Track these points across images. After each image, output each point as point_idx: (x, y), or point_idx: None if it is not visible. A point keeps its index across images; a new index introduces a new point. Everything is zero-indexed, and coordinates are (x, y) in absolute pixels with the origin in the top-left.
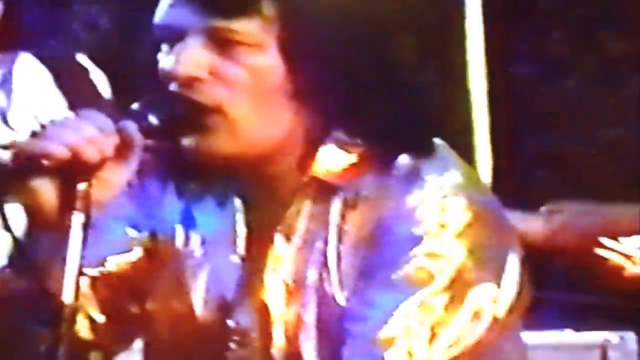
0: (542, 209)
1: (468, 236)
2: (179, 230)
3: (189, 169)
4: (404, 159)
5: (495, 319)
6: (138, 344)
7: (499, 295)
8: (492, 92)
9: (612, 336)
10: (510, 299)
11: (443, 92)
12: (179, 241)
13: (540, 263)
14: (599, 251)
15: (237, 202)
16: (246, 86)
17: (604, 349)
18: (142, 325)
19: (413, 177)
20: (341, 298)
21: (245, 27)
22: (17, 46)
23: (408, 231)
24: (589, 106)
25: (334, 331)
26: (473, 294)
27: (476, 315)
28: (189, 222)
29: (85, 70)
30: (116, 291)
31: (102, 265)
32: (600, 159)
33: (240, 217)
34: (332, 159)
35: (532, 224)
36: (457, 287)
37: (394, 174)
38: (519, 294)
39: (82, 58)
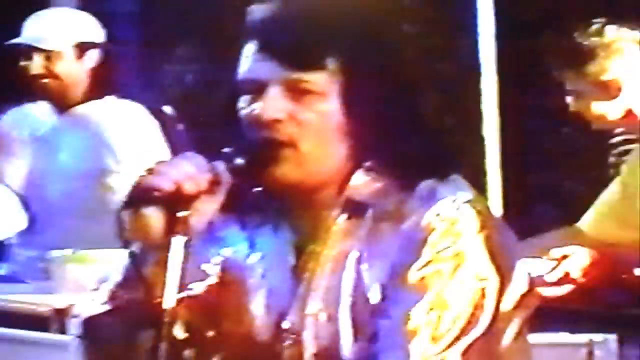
0: None
1: (478, 240)
2: (243, 256)
3: (252, 202)
4: (424, 183)
5: (499, 310)
6: None
7: (505, 288)
8: (503, 137)
9: (596, 336)
10: (516, 295)
11: (460, 135)
12: (244, 265)
13: None
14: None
15: (288, 227)
16: (314, 126)
17: (590, 349)
18: (216, 347)
19: (431, 196)
20: (373, 298)
21: (314, 78)
22: (113, 93)
23: (425, 238)
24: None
25: (367, 327)
26: (479, 285)
27: (480, 307)
28: (251, 248)
29: (172, 119)
30: (195, 314)
31: (187, 288)
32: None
33: (291, 239)
34: (363, 183)
35: None
36: (465, 281)
37: (415, 194)
38: (528, 291)
39: (168, 109)
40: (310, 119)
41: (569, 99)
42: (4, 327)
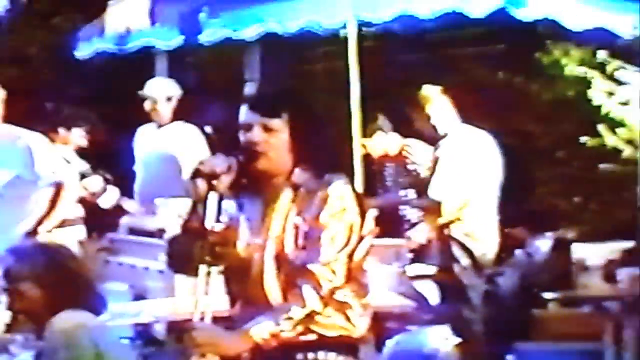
0: None
1: (352, 200)
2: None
3: (243, 185)
4: (327, 175)
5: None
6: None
7: (364, 224)
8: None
9: None
10: (367, 228)
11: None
12: (237, 217)
13: None
14: None
15: (259, 197)
16: (275, 145)
17: None
18: (223, 257)
19: (330, 181)
20: (302, 228)
21: (275, 123)
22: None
23: (327, 200)
24: None
25: (299, 243)
26: (352, 221)
27: (353, 232)
28: (241, 210)
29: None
30: (217, 239)
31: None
32: None
33: (261, 203)
34: (298, 174)
35: None
36: (345, 220)
37: (323, 181)
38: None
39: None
40: (273, 142)
41: None
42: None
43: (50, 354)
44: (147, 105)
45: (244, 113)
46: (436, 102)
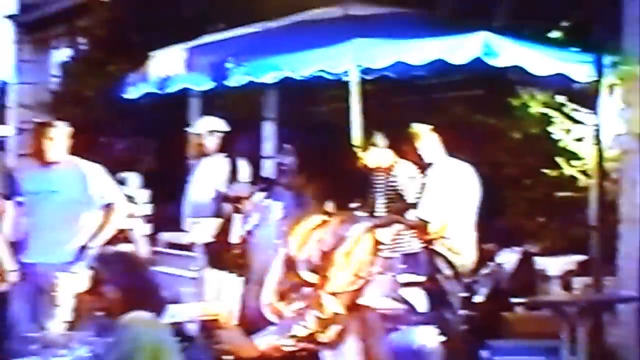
0: None
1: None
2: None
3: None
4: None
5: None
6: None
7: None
8: None
9: None
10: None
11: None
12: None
13: None
14: None
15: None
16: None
17: None
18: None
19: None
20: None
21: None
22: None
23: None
24: None
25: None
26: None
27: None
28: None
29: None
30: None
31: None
32: None
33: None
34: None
35: None
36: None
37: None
38: None
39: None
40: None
41: None
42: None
43: (116, 347)
44: (194, 139)
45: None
46: (424, 138)
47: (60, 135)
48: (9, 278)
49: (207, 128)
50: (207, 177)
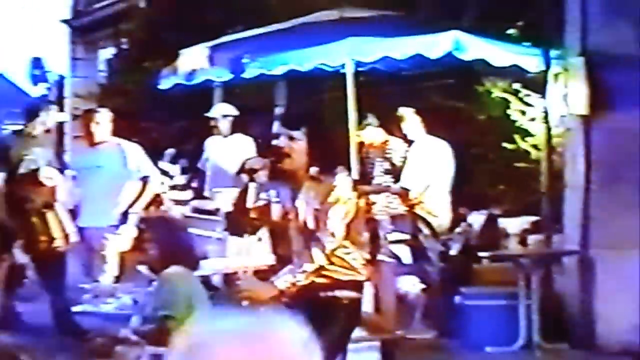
0: None
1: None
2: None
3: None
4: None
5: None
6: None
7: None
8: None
9: None
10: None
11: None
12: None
13: None
14: None
15: (286, 185)
16: (296, 150)
17: None
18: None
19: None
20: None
21: (296, 134)
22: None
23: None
24: None
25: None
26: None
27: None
28: (275, 195)
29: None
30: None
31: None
32: None
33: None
34: (314, 171)
35: None
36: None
37: (331, 175)
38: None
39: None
40: (295, 147)
41: None
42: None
43: (158, 294)
44: (213, 122)
45: (275, 127)
46: (408, 119)
47: (104, 120)
48: (69, 240)
49: (221, 112)
50: (226, 153)
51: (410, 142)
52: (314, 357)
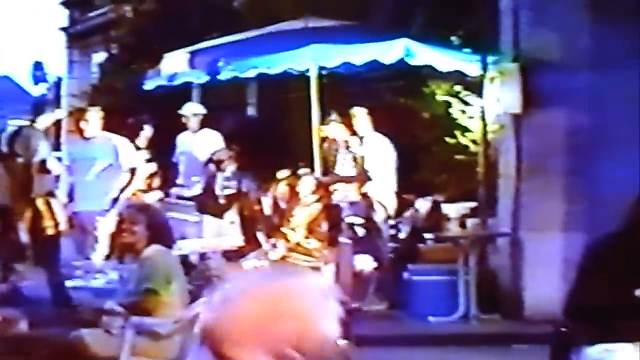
0: None
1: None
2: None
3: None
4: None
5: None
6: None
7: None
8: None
9: None
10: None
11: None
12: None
13: None
14: None
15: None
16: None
17: None
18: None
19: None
20: None
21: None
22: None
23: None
24: None
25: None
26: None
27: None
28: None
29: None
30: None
31: None
32: None
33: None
34: None
35: None
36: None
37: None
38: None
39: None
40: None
41: None
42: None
43: (140, 270)
44: (184, 119)
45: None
46: (359, 117)
47: (93, 117)
48: (64, 222)
49: (191, 111)
50: (197, 146)
51: (361, 138)
52: (331, 301)
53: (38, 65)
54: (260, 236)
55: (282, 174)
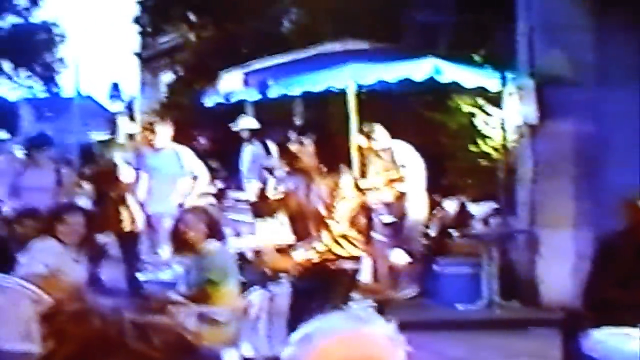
0: None
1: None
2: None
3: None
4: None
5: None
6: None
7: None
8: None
9: None
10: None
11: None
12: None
13: None
14: None
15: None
16: (306, 152)
17: None
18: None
19: (340, 173)
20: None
21: (305, 140)
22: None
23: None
24: None
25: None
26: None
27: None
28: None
29: None
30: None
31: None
32: None
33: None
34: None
35: None
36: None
37: (337, 171)
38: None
39: None
40: (304, 150)
41: None
42: None
43: (200, 264)
44: (240, 132)
45: (292, 134)
46: (384, 132)
47: (162, 130)
48: (139, 223)
49: (242, 126)
50: (250, 156)
51: (389, 148)
52: (399, 348)
53: (115, 86)
54: (307, 229)
55: (325, 173)
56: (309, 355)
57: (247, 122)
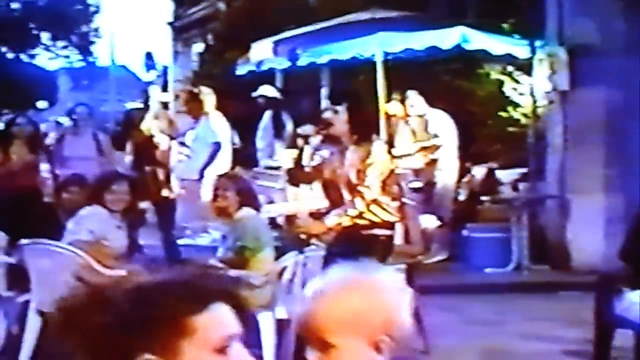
0: None
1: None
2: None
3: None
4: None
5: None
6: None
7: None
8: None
9: None
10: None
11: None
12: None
13: None
14: None
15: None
16: (340, 120)
17: None
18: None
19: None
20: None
21: (339, 107)
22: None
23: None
24: None
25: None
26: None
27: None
28: (327, 155)
29: None
30: None
31: None
32: None
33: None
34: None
35: None
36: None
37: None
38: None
39: None
40: (338, 118)
41: None
42: None
43: (234, 231)
44: (260, 100)
45: (323, 103)
46: (416, 98)
47: (209, 98)
48: (177, 190)
49: (262, 93)
50: (264, 124)
51: (421, 115)
52: (407, 297)
53: (149, 56)
54: (341, 196)
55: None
56: (321, 307)
57: (265, 90)
